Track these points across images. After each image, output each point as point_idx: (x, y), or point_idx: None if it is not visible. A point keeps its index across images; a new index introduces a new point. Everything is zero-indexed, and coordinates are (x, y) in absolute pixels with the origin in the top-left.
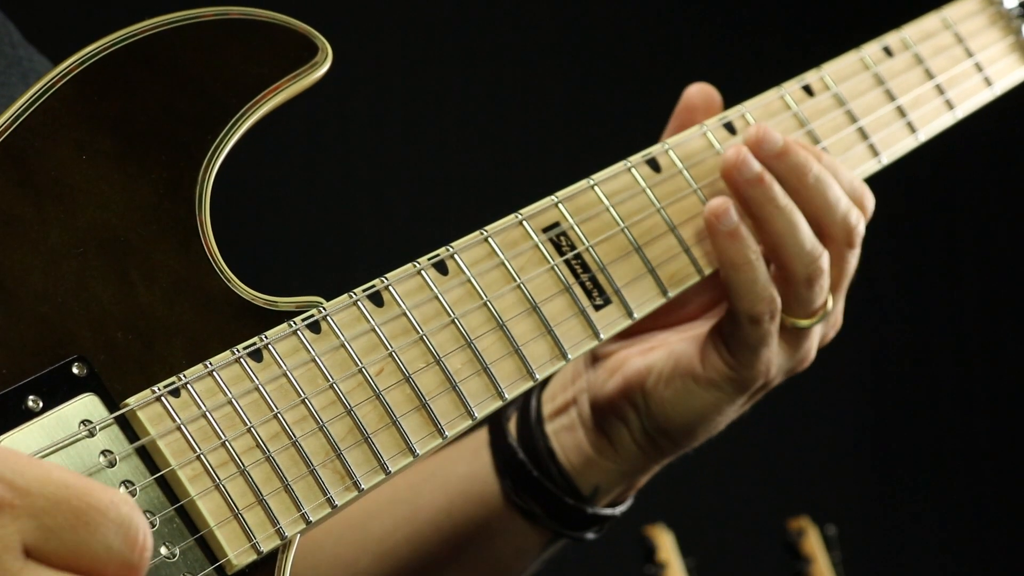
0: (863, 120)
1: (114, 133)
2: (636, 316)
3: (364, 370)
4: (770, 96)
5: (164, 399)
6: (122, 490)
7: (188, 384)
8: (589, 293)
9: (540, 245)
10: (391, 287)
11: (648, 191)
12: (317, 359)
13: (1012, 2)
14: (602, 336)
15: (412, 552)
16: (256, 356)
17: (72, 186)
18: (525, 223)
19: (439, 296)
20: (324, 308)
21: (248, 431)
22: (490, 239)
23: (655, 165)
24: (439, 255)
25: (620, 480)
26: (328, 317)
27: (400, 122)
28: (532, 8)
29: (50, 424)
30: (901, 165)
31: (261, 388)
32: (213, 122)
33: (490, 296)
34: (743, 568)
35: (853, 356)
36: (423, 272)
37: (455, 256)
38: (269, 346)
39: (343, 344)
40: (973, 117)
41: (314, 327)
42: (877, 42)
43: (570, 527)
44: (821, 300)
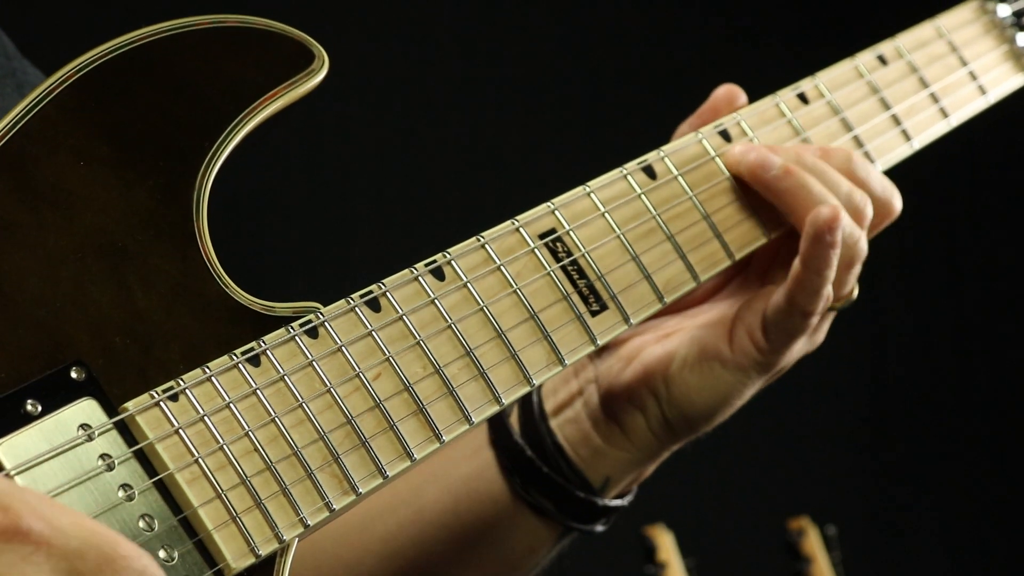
0: (858, 128)
1: (111, 139)
2: (633, 322)
3: (362, 375)
4: (765, 104)
5: (163, 404)
6: (121, 494)
7: (187, 389)
8: (585, 299)
9: (536, 251)
10: (388, 293)
11: (643, 198)
12: (315, 364)
13: (1006, 11)
14: (599, 342)
15: (419, 553)
16: (254, 361)
17: (70, 192)
18: (521, 230)
19: (436, 302)
20: (322, 313)
21: (246, 436)
22: (487, 245)
23: (651, 172)
24: (436, 261)
25: (631, 468)
26: (326, 322)
27: (397, 129)
28: (529, 15)
29: (49, 428)
30: (902, 165)
31: (259, 393)
32: (210, 129)
33: (487, 302)
34: (743, 568)
35: (853, 357)
36: (420, 278)
37: (452, 262)
38: (267, 351)
39: (341, 349)
40: (973, 120)
41: (312, 332)
42: (871, 51)
43: (581, 520)
44: (853, 283)
